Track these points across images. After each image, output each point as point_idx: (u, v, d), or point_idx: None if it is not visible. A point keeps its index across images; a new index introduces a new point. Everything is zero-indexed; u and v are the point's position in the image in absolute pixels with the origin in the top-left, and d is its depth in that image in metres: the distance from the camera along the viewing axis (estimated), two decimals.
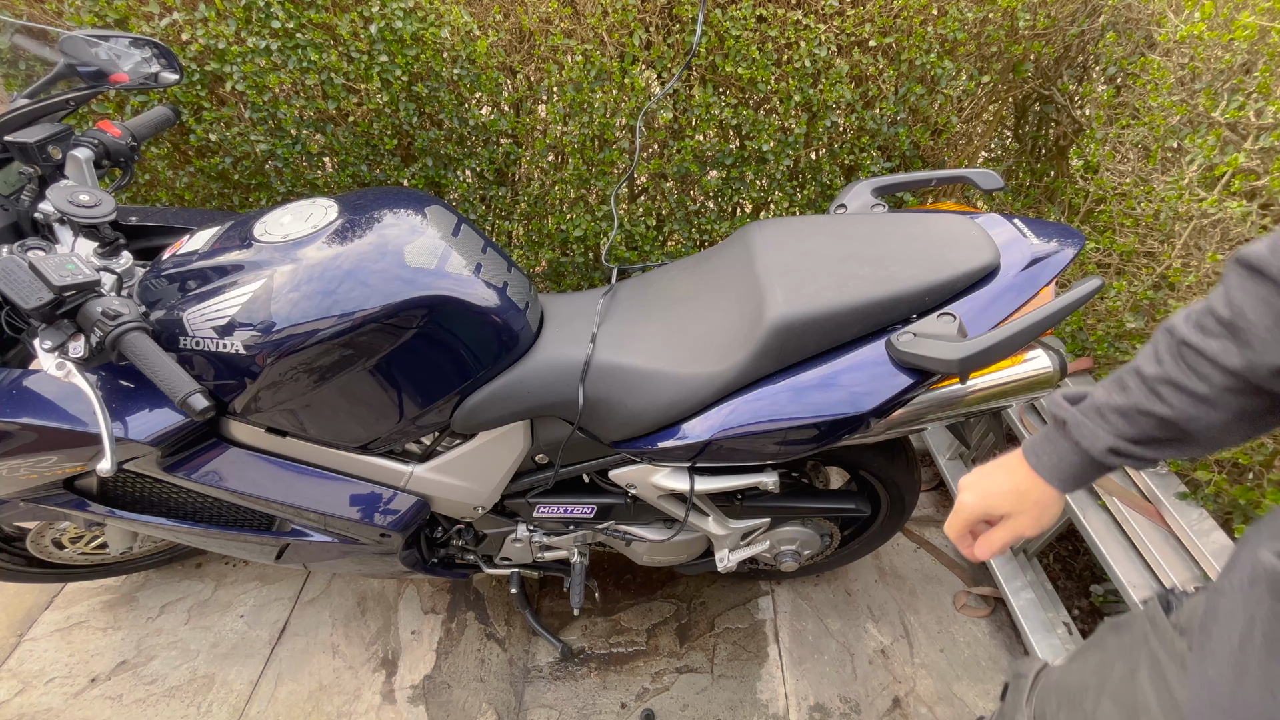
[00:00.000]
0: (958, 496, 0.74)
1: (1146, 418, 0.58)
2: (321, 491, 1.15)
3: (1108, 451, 0.61)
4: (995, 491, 0.71)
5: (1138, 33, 1.61)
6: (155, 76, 1.18)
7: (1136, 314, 1.42)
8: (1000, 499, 0.71)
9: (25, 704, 1.47)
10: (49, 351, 0.87)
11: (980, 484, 0.73)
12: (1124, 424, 0.60)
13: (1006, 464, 0.72)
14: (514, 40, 1.68)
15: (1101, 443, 0.61)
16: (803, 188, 1.86)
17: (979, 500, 0.72)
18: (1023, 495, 0.69)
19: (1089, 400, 0.63)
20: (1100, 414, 0.62)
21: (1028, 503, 0.69)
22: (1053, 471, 0.67)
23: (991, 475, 0.72)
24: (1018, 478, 0.69)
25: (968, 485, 0.74)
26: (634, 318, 1.17)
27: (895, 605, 1.74)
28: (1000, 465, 0.72)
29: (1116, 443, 0.61)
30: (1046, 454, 0.67)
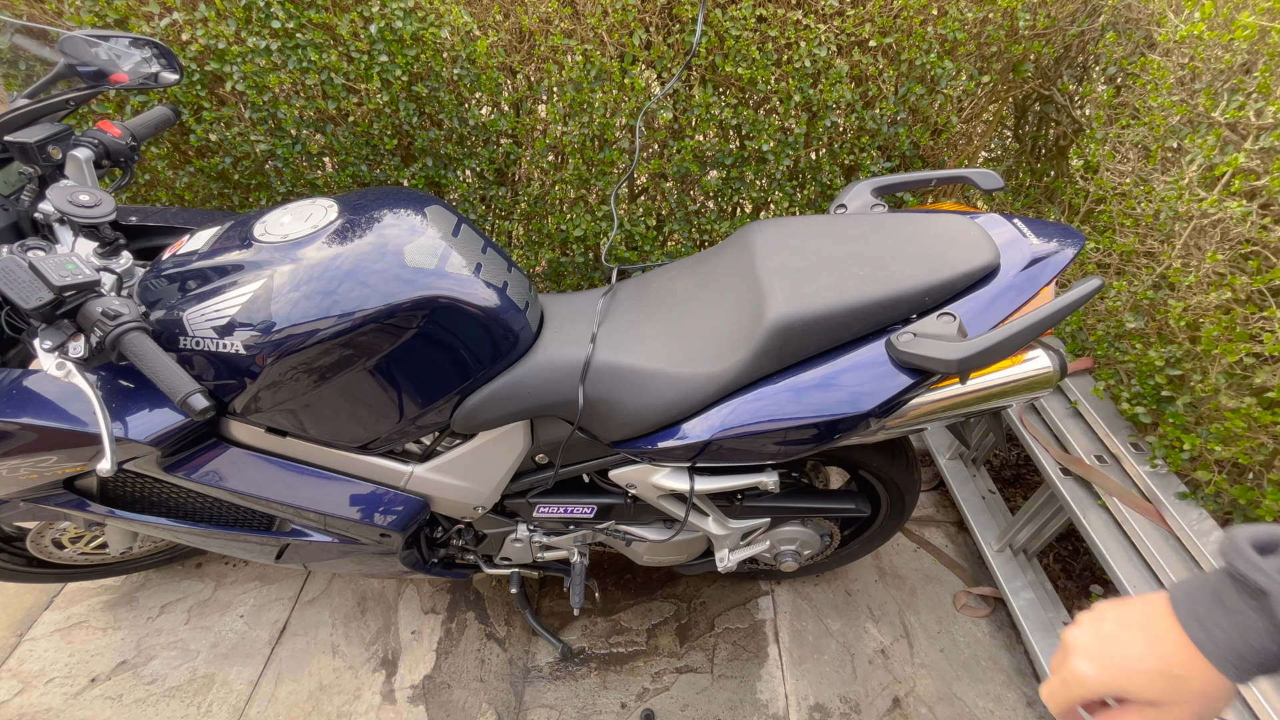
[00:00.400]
0: (1065, 659, 0.52)
1: None
2: (321, 491, 1.15)
3: None
4: (1133, 670, 0.48)
5: (1138, 33, 1.61)
6: (155, 76, 1.18)
7: (1136, 314, 1.42)
8: (1142, 681, 0.48)
9: (25, 704, 1.47)
10: (49, 351, 0.87)
11: (1108, 653, 0.50)
12: None
13: (1147, 625, 0.49)
14: (514, 40, 1.68)
15: None
16: (803, 188, 1.86)
17: (1105, 677, 0.49)
18: (1178, 682, 0.46)
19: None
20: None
21: (1186, 693, 0.47)
22: (1230, 657, 0.45)
23: (1122, 641, 0.49)
24: (1169, 654, 0.47)
25: (1085, 650, 0.51)
26: (634, 318, 1.17)
27: (895, 605, 1.74)
28: (1136, 626, 0.49)
29: None
30: (1222, 630, 0.45)
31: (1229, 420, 1.19)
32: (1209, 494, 1.25)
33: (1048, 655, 1.51)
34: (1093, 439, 1.48)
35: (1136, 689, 0.48)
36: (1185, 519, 1.25)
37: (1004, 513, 1.84)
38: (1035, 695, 1.55)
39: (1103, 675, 0.49)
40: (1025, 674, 1.59)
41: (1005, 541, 1.73)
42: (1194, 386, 1.28)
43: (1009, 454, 2.13)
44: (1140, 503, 1.32)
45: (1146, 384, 1.38)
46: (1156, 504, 1.30)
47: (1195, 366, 1.29)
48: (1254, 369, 1.19)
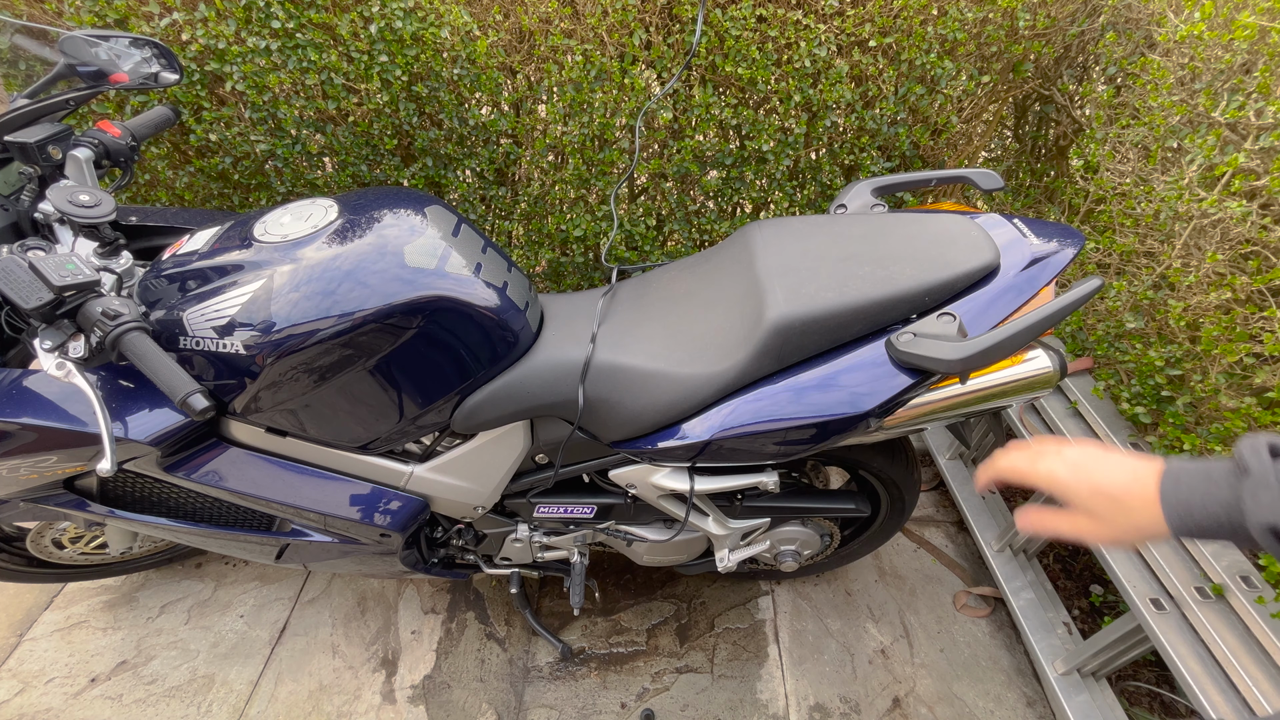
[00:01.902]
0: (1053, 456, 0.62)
1: None
2: (321, 491, 1.15)
3: (1265, 528, 0.50)
4: (1098, 486, 0.58)
5: (1138, 33, 1.61)
6: (155, 76, 1.18)
7: (1136, 314, 1.42)
8: (1096, 497, 0.59)
9: (25, 704, 1.47)
10: (49, 351, 0.87)
11: (1085, 465, 0.60)
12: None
13: (1135, 468, 0.58)
14: (514, 40, 1.68)
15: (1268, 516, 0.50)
16: (803, 188, 1.86)
17: (1072, 482, 0.60)
18: (1122, 509, 0.57)
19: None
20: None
21: (1120, 519, 0.57)
22: (1180, 510, 0.54)
23: (1108, 467, 0.59)
24: (1136, 489, 0.57)
25: (1073, 460, 0.61)
26: (634, 318, 1.17)
27: (895, 605, 1.74)
28: (1126, 464, 0.59)
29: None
30: (1191, 489, 0.54)
31: (1229, 420, 1.19)
32: None
33: (1048, 655, 1.51)
34: (1093, 439, 1.48)
35: (1084, 499, 0.59)
36: None
37: (1004, 513, 1.84)
38: (1035, 695, 1.55)
39: (1070, 476, 0.60)
40: (1025, 674, 1.59)
41: (1005, 541, 1.73)
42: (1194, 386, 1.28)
43: None
44: None
45: (1146, 384, 1.38)
46: None
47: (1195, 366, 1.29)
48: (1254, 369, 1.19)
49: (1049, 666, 1.49)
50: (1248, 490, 0.51)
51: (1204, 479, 0.54)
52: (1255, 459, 0.52)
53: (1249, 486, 0.51)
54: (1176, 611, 1.23)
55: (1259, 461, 0.52)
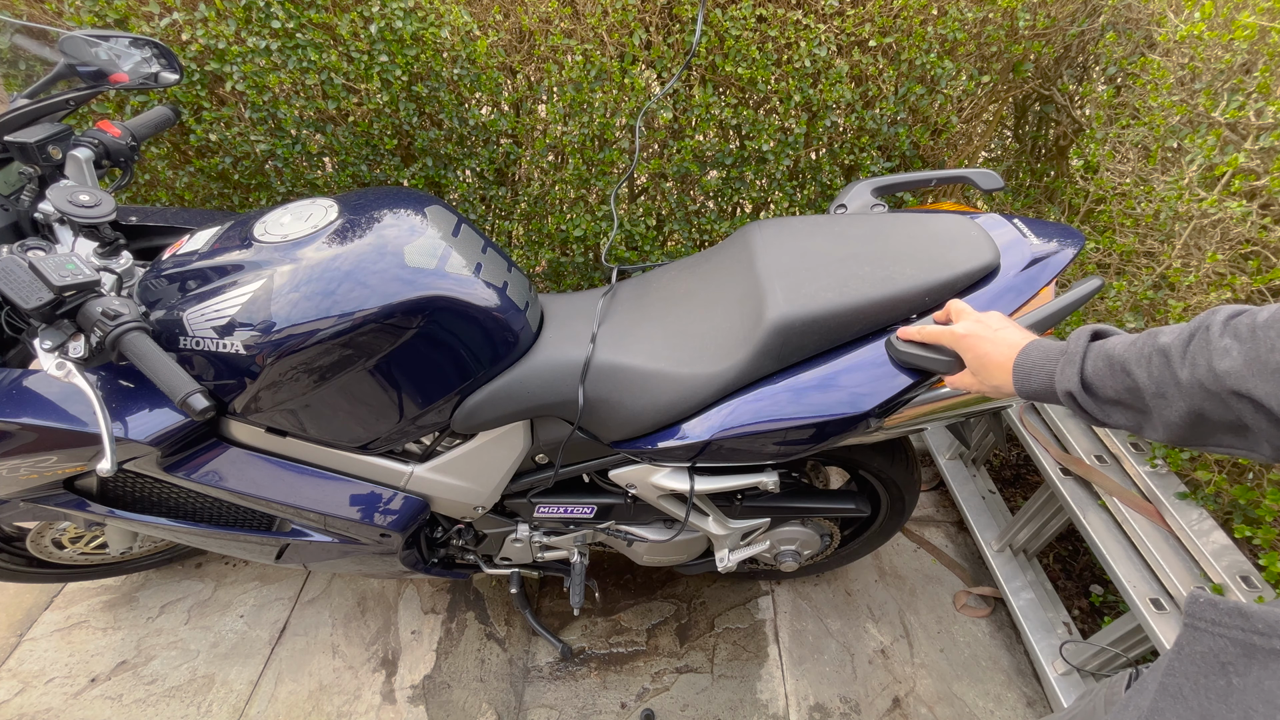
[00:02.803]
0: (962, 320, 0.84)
1: (1127, 377, 0.61)
2: (321, 491, 1.15)
3: (1066, 394, 0.65)
4: (975, 348, 0.79)
5: (1138, 33, 1.61)
6: (155, 76, 1.18)
7: (1136, 314, 1.42)
8: (972, 356, 0.79)
9: (25, 704, 1.47)
10: (49, 351, 0.87)
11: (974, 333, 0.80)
12: (1104, 373, 0.62)
13: (1008, 341, 0.76)
14: (514, 40, 1.68)
15: (1066, 384, 0.65)
16: (803, 188, 1.86)
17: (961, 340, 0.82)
18: (986, 370, 0.77)
19: (1104, 345, 0.65)
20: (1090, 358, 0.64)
21: (984, 376, 0.78)
22: (1021, 376, 0.72)
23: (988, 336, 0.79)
24: (999, 358, 0.75)
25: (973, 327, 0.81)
26: (634, 318, 1.17)
27: (895, 605, 1.74)
28: (1002, 339, 0.77)
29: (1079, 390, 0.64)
30: (1033, 362, 0.71)
31: None
32: (1209, 494, 1.25)
33: (1048, 655, 1.51)
34: (1093, 439, 1.48)
35: (968, 359, 0.81)
36: (1185, 519, 1.25)
37: (1004, 513, 1.84)
38: (1035, 695, 1.55)
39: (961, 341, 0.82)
40: (1025, 674, 1.59)
41: (1005, 541, 1.73)
42: None
43: (1009, 454, 2.13)
44: (1140, 503, 1.32)
45: None
46: (1156, 504, 1.30)
47: None
48: None
49: (1049, 666, 1.49)
50: (1060, 365, 0.66)
51: (1042, 354, 0.70)
52: (1074, 342, 0.67)
53: (1062, 362, 0.66)
54: (1176, 611, 1.23)
55: (1076, 344, 0.66)
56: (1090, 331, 0.67)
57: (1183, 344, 0.57)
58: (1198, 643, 0.47)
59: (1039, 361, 0.70)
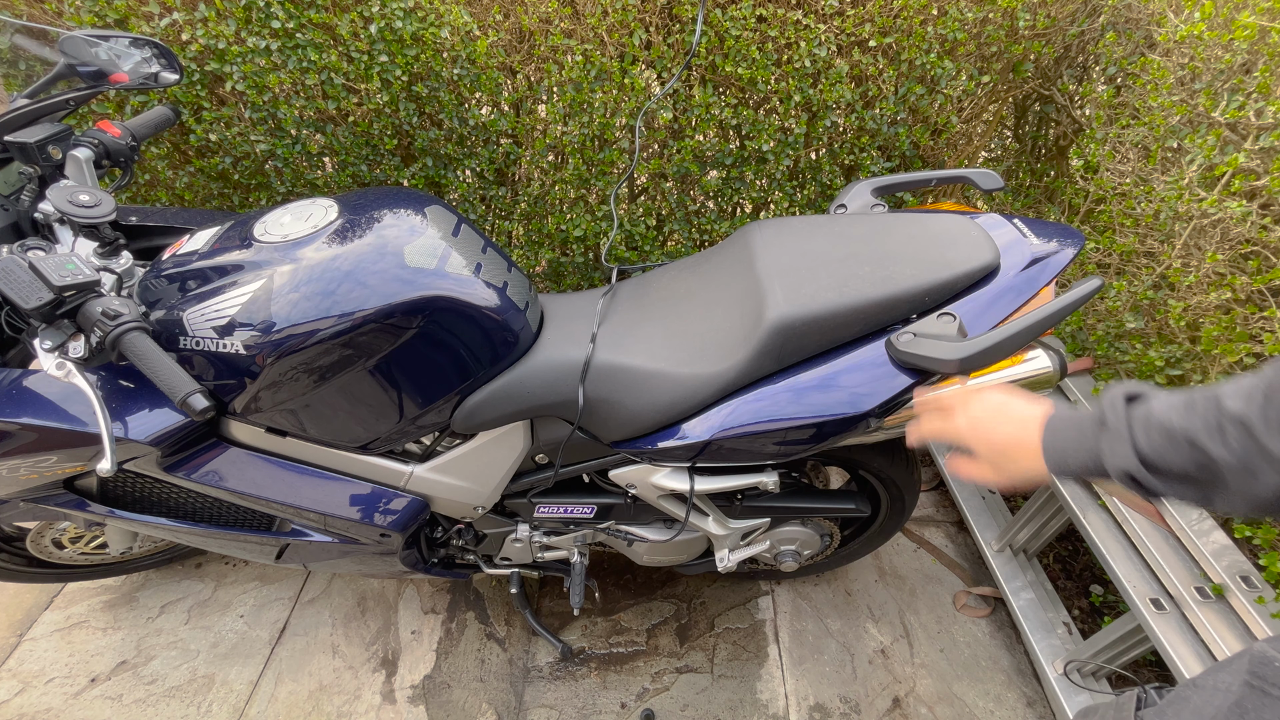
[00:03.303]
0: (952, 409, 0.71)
1: (1197, 451, 0.52)
2: (321, 491, 1.15)
3: (1123, 474, 0.56)
4: (988, 438, 0.68)
5: (1138, 33, 1.61)
6: (155, 76, 1.18)
7: (1136, 314, 1.42)
8: (987, 447, 0.67)
9: (25, 704, 1.47)
10: (49, 351, 0.87)
11: (983, 424, 0.68)
12: (1168, 447, 0.54)
13: (1022, 419, 0.66)
14: (514, 40, 1.68)
15: (1122, 463, 0.55)
16: (803, 188, 1.86)
17: (969, 435, 0.69)
18: (1012, 460, 0.66)
19: (1144, 409, 0.57)
20: (1145, 428, 0.55)
21: (1011, 467, 0.66)
22: (1057, 459, 0.62)
23: (996, 424, 0.68)
24: (1023, 442, 0.64)
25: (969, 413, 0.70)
26: (634, 318, 1.17)
27: (895, 605, 1.74)
28: (1014, 417, 0.67)
29: (1138, 469, 0.55)
30: (1063, 441, 0.62)
31: None
32: None
33: (1048, 655, 1.51)
34: None
35: (980, 449, 0.69)
36: (1185, 519, 1.25)
37: (1004, 513, 1.84)
38: (1035, 695, 1.55)
39: (969, 433, 0.70)
40: (1025, 674, 1.59)
41: (1005, 541, 1.73)
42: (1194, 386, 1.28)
43: None
44: (1140, 503, 1.32)
45: None
46: (1156, 504, 1.30)
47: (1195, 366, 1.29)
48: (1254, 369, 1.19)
49: (1049, 666, 1.49)
50: (1105, 441, 0.58)
51: (1076, 429, 0.62)
52: (1112, 412, 0.59)
53: (1106, 438, 0.58)
54: (1176, 611, 1.23)
55: (1114, 414, 0.59)
56: (1123, 395, 0.60)
57: (1260, 410, 0.50)
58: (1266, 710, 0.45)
59: (1074, 438, 0.61)
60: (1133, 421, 0.57)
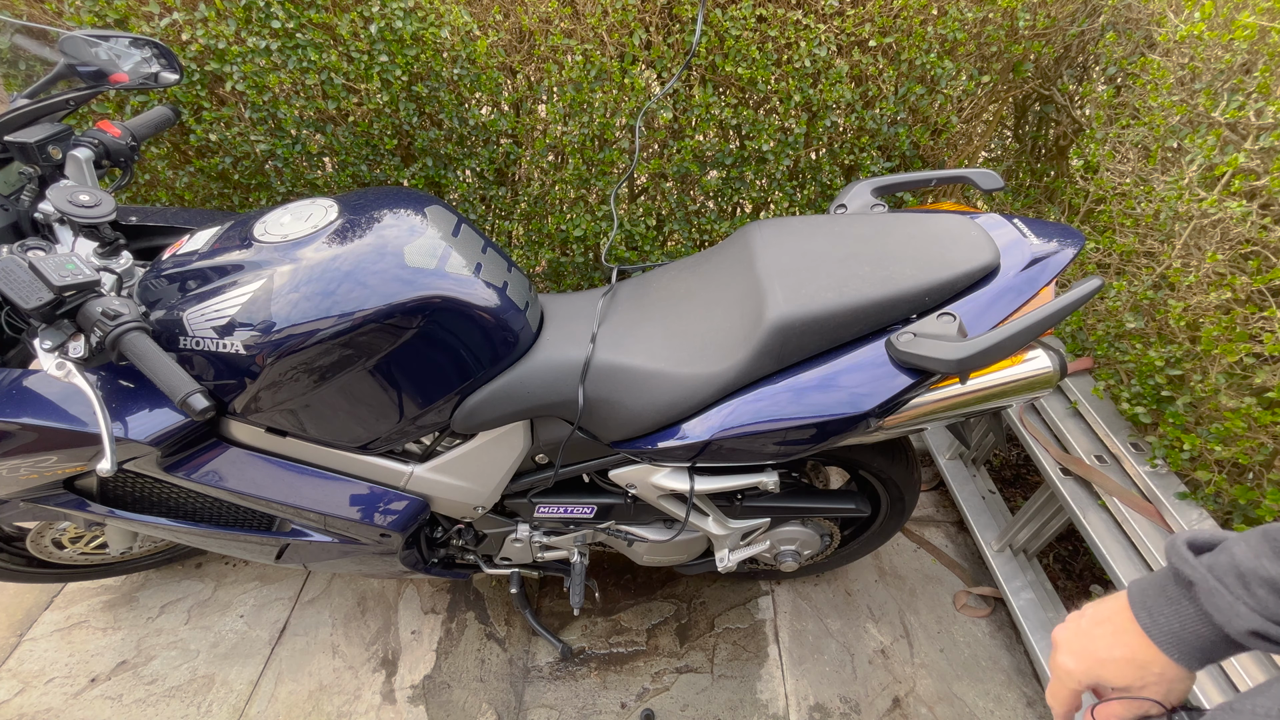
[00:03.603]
0: (1054, 656, 0.60)
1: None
2: (321, 491, 1.15)
3: (1250, 634, 0.47)
4: (1105, 659, 0.55)
5: (1138, 33, 1.61)
6: (155, 76, 1.18)
7: (1136, 314, 1.42)
8: (1114, 669, 0.55)
9: (25, 704, 1.47)
10: (49, 351, 0.87)
11: (1084, 647, 0.57)
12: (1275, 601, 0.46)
13: (1112, 619, 0.56)
14: (514, 40, 1.68)
15: (1244, 622, 0.47)
16: (803, 188, 1.86)
17: (1085, 669, 0.56)
18: (1143, 668, 0.53)
19: (1226, 558, 0.49)
20: (1244, 582, 0.47)
21: (1151, 676, 0.53)
22: (1173, 642, 0.52)
23: (1094, 635, 0.57)
24: (1131, 643, 0.54)
25: (1066, 645, 0.58)
26: (634, 318, 1.17)
27: (895, 605, 1.74)
28: (1104, 620, 0.56)
29: (1264, 625, 0.46)
30: (1165, 618, 0.52)
31: (1229, 420, 1.19)
32: (1209, 494, 1.25)
33: (1048, 655, 1.50)
34: (1093, 439, 1.48)
35: (1110, 676, 0.55)
36: (1185, 519, 1.25)
37: (1004, 513, 1.84)
38: (1035, 695, 1.55)
39: (1081, 665, 0.56)
40: (1025, 674, 1.59)
41: (1005, 541, 1.73)
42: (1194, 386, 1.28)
43: (1009, 454, 2.13)
44: (1140, 503, 1.32)
45: (1146, 384, 1.38)
46: (1156, 504, 1.30)
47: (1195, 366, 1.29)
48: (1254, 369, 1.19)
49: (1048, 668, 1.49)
50: (1206, 603, 0.49)
51: (1166, 600, 0.52)
52: (1187, 567, 0.50)
53: (1205, 598, 0.49)
54: None
55: (1192, 568, 0.50)
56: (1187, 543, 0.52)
57: None
58: None
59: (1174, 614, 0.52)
60: (1219, 576, 0.49)
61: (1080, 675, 0.57)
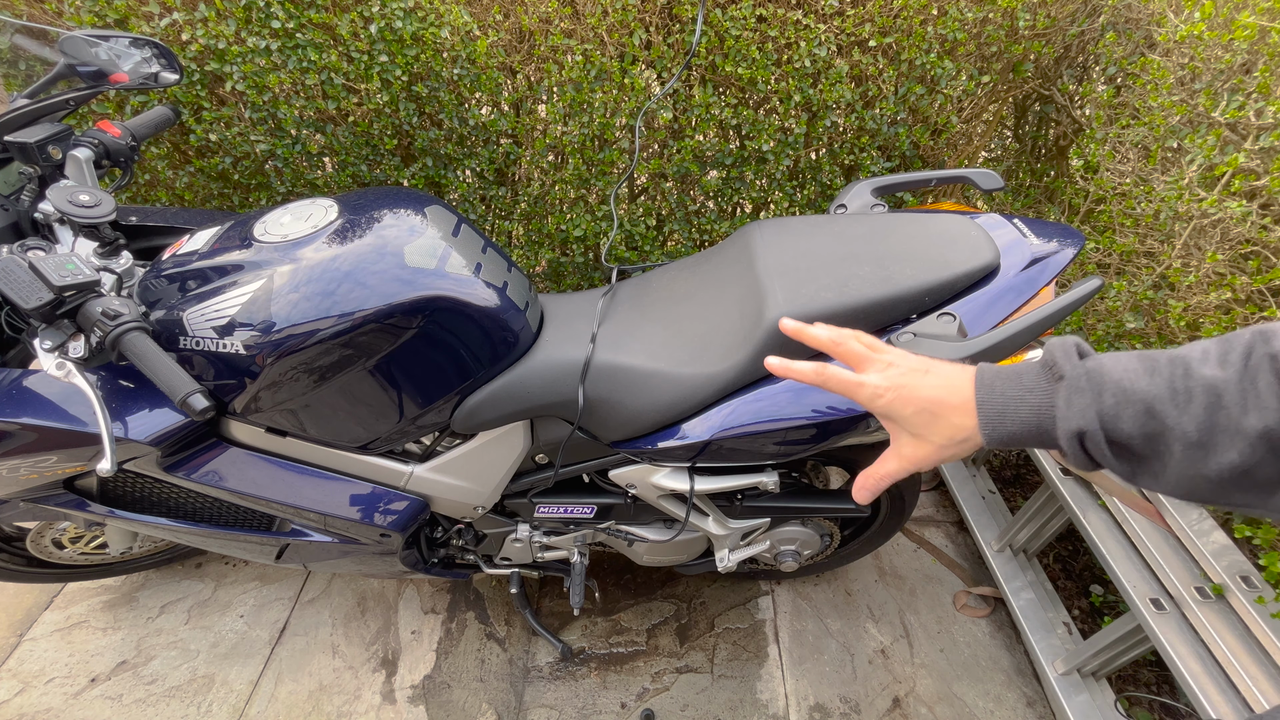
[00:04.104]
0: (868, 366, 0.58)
1: (1152, 420, 0.45)
2: (321, 491, 1.15)
3: (1074, 434, 0.48)
4: (912, 397, 0.55)
5: (1138, 33, 1.61)
6: (155, 76, 1.18)
7: (1136, 314, 1.42)
8: (912, 407, 0.55)
9: (25, 704, 1.47)
10: (49, 351, 0.87)
11: (903, 379, 0.56)
12: (1121, 412, 0.46)
13: (949, 379, 0.55)
14: (514, 40, 1.68)
15: (1079, 421, 0.48)
16: (803, 188, 1.86)
17: (884, 395, 0.56)
18: (935, 419, 0.54)
19: (1096, 365, 0.49)
20: (1099, 389, 0.47)
21: (936, 432, 0.54)
22: (994, 416, 0.52)
23: (921, 378, 0.56)
24: (950, 401, 0.53)
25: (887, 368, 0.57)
26: (634, 318, 1.17)
27: (895, 605, 1.74)
28: (940, 375, 0.55)
29: (1094, 428, 0.47)
30: (1002, 399, 0.52)
31: None
32: None
33: (1048, 655, 1.51)
34: None
35: (900, 410, 0.56)
36: (1185, 519, 1.25)
37: (1004, 513, 1.84)
38: (1036, 695, 1.55)
39: (885, 387, 0.56)
40: (1025, 674, 1.59)
41: (1005, 541, 1.73)
42: None
43: (1009, 454, 2.13)
44: (1140, 503, 1.32)
45: None
46: (1156, 504, 1.30)
47: None
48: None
49: (1049, 666, 1.49)
50: (1061, 395, 0.49)
51: (1017, 384, 0.52)
52: (1068, 363, 0.50)
53: (1063, 391, 0.49)
54: (1176, 611, 1.23)
55: (1071, 365, 0.50)
56: (1074, 347, 0.52)
57: (1238, 378, 0.43)
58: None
59: (1014, 393, 0.52)
60: (1089, 377, 0.49)
61: (876, 393, 0.56)
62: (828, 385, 0.60)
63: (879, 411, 0.58)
